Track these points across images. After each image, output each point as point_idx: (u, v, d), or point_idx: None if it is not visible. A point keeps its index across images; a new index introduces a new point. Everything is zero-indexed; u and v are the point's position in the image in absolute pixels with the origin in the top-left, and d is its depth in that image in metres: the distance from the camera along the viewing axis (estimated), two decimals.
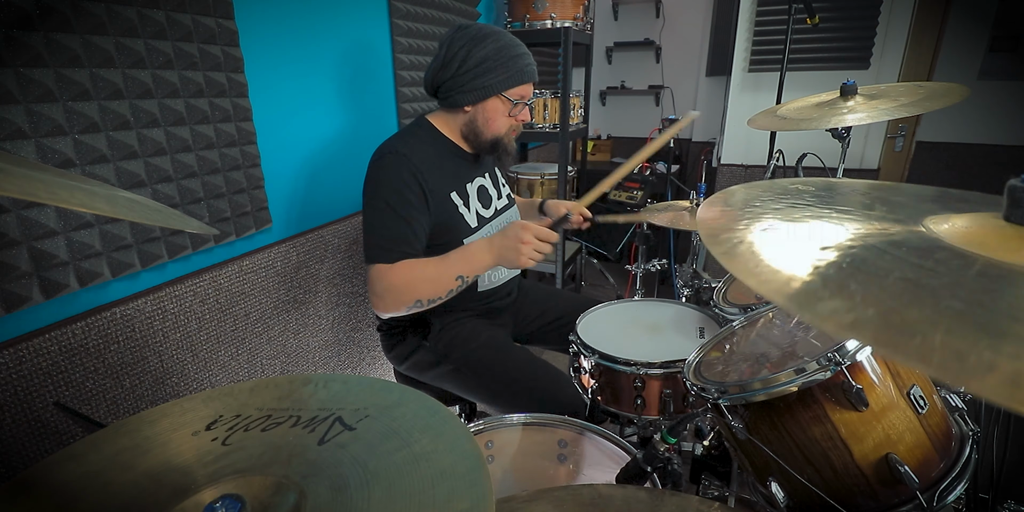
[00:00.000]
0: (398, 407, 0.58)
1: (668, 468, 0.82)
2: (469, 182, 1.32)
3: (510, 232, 1.09)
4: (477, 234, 1.31)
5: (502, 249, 1.10)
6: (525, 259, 1.08)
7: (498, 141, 1.29)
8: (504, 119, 1.26)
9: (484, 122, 1.26)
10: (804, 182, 0.67)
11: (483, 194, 1.35)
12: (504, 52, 1.20)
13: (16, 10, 0.83)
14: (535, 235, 1.07)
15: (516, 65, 1.21)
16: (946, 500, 0.68)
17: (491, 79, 1.20)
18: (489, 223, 1.36)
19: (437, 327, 1.34)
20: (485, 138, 1.28)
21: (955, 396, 0.83)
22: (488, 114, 1.25)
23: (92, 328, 1.03)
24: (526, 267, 1.09)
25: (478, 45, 1.19)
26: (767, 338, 0.99)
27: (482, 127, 1.26)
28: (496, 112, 1.25)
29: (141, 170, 1.05)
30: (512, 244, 1.08)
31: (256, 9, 1.27)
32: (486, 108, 1.24)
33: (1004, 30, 2.55)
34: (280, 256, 1.45)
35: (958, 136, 2.80)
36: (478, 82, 1.20)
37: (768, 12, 2.65)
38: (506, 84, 1.21)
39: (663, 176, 2.75)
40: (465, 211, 1.29)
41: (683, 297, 1.83)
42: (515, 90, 1.23)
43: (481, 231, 1.33)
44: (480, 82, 1.20)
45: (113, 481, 0.52)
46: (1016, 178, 0.49)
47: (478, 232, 1.31)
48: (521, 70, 1.22)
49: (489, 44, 1.19)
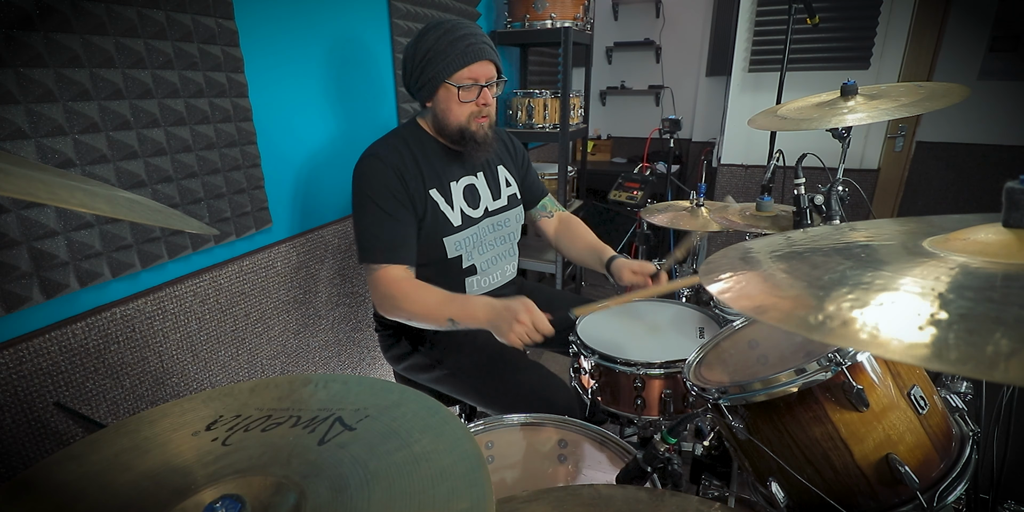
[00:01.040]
0: (398, 407, 0.58)
1: (668, 468, 0.82)
2: (454, 181, 1.31)
3: (514, 306, 1.06)
4: (462, 233, 1.29)
5: (498, 318, 1.07)
6: (512, 337, 1.05)
7: (463, 130, 1.24)
8: (459, 106, 1.21)
9: (443, 114, 1.23)
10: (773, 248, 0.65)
11: (471, 193, 1.33)
12: (444, 38, 1.16)
13: (16, 10, 0.83)
14: (533, 321, 1.04)
15: (456, 49, 1.16)
16: (946, 500, 0.68)
17: (433, 69, 1.17)
18: (478, 224, 1.33)
19: (431, 331, 1.34)
20: (451, 130, 1.25)
21: (955, 396, 0.83)
22: (442, 105, 1.22)
23: (92, 328, 1.03)
24: (511, 344, 1.07)
25: (422, 39, 1.18)
26: (767, 338, 0.99)
27: (443, 120, 1.24)
28: (448, 101, 1.21)
29: (141, 170, 1.05)
30: (508, 318, 1.05)
31: (256, 9, 1.26)
32: (439, 99, 1.22)
33: (1004, 30, 2.55)
34: (280, 256, 1.45)
35: (958, 136, 2.80)
36: (425, 76, 1.18)
37: (768, 12, 2.65)
38: (448, 70, 1.17)
39: (663, 176, 2.75)
40: (448, 209, 1.27)
41: (683, 297, 1.83)
42: (460, 74, 1.18)
43: (467, 231, 1.31)
44: (427, 75, 1.18)
45: (113, 481, 0.52)
46: (1013, 181, 0.49)
47: (463, 231, 1.30)
48: (462, 52, 1.16)
49: (430, 35, 1.17)
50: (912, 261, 0.51)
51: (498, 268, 1.40)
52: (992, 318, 0.38)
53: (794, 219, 1.23)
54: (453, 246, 1.29)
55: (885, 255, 0.56)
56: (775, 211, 1.46)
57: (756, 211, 1.48)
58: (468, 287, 1.35)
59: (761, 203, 1.46)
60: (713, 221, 1.56)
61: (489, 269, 1.37)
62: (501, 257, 1.41)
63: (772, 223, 1.39)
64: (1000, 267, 0.46)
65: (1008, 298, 0.40)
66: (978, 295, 0.42)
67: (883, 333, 0.40)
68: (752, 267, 0.60)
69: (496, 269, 1.40)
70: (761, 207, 1.47)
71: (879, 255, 0.56)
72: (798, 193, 1.20)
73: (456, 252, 1.29)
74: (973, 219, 0.59)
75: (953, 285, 0.44)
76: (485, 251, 1.35)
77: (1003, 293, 0.41)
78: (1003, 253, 0.48)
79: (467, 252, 1.31)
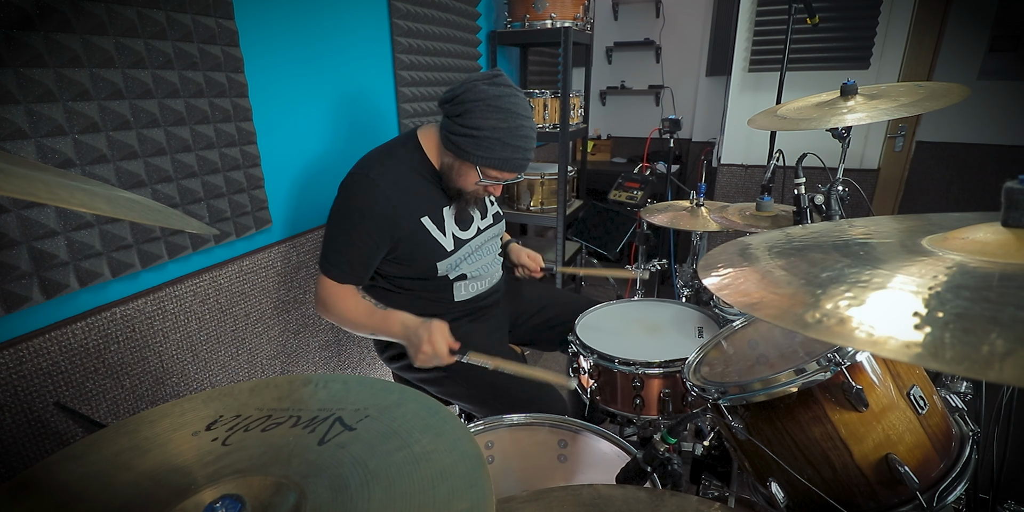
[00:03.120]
0: (398, 407, 0.58)
1: (668, 468, 0.82)
2: (447, 206, 1.28)
3: (421, 333, 1.12)
4: (454, 256, 1.29)
5: (407, 340, 1.16)
6: (419, 358, 1.12)
7: (462, 192, 1.25)
8: (474, 185, 1.23)
9: (456, 174, 1.22)
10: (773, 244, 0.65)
11: (461, 217, 1.32)
12: (505, 135, 1.14)
13: (16, 10, 0.83)
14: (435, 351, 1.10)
15: (506, 153, 1.15)
16: (946, 500, 0.68)
17: (478, 150, 1.14)
18: (468, 243, 1.32)
19: None
20: (453, 186, 1.24)
21: (955, 396, 0.83)
22: (460, 171, 1.21)
23: (92, 328, 1.03)
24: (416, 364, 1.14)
25: (489, 112, 1.12)
26: (767, 338, 0.99)
27: (453, 176, 1.23)
28: (468, 176, 1.21)
29: (141, 170, 1.05)
30: (416, 342, 1.12)
31: (256, 9, 1.27)
32: (459, 165, 1.20)
33: (1004, 30, 2.55)
34: (280, 256, 1.45)
35: (958, 136, 2.80)
36: (465, 142, 1.15)
37: (768, 12, 2.65)
38: (486, 163, 1.16)
39: (663, 176, 2.75)
40: (439, 235, 1.26)
41: (683, 297, 1.83)
42: (492, 173, 1.19)
43: (459, 252, 1.30)
44: (467, 143, 1.15)
45: (113, 481, 0.52)
46: (1012, 181, 0.49)
47: (455, 254, 1.29)
48: (508, 160, 1.16)
49: (497, 118, 1.13)
50: (910, 259, 0.51)
51: (487, 274, 1.40)
52: (988, 318, 0.38)
53: (794, 219, 1.23)
54: (444, 267, 1.29)
55: (883, 253, 0.56)
56: (775, 211, 1.46)
57: (756, 211, 1.48)
58: (456, 291, 1.34)
59: (761, 203, 1.46)
60: (713, 221, 1.56)
61: (479, 275, 1.38)
62: (491, 264, 1.41)
63: (772, 223, 1.39)
64: (998, 267, 0.46)
65: (1005, 298, 0.40)
66: (975, 295, 0.42)
67: (879, 331, 0.40)
68: (750, 263, 0.61)
69: (486, 275, 1.40)
70: (761, 207, 1.47)
71: (877, 253, 0.56)
72: (798, 193, 1.20)
73: (446, 271, 1.30)
74: (972, 218, 0.59)
75: (950, 284, 0.44)
76: (474, 261, 1.35)
77: (1000, 293, 0.41)
78: (1001, 253, 0.48)
79: (457, 267, 1.32)
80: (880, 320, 0.41)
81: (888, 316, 0.42)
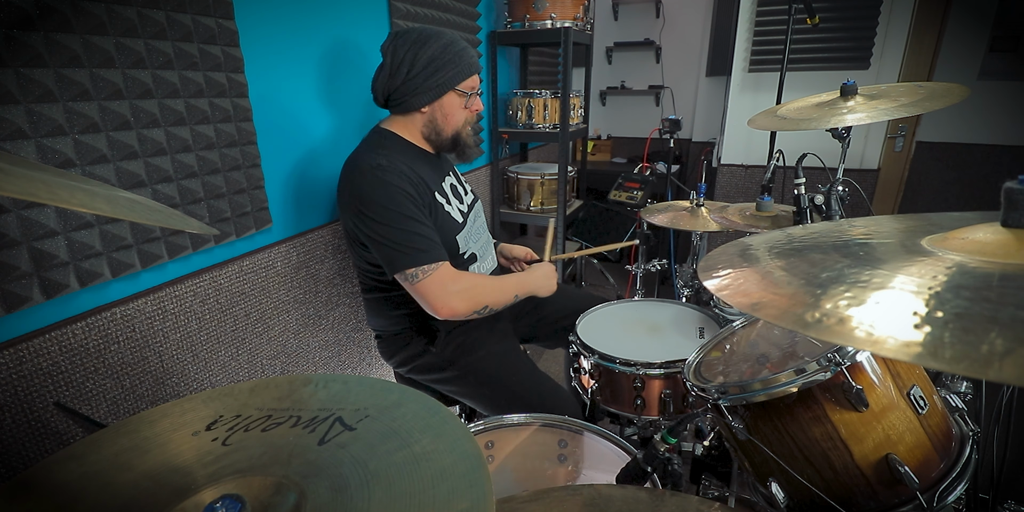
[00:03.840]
0: (398, 407, 0.58)
1: (668, 468, 0.82)
2: (442, 181, 1.35)
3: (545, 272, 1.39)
4: (465, 229, 1.34)
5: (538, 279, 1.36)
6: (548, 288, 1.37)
7: (458, 136, 1.34)
8: (461, 112, 1.31)
9: (443, 119, 1.30)
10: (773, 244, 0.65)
11: (455, 191, 1.39)
12: (450, 48, 1.24)
13: (16, 10, 0.83)
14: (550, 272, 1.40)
15: (463, 59, 1.26)
16: (946, 500, 0.68)
17: (443, 76, 1.24)
18: (468, 216, 1.39)
19: (443, 333, 1.35)
20: (446, 135, 1.32)
21: (955, 396, 0.83)
22: (446, 110, 1.29)
23: (92, 328, 1.03)
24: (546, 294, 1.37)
25: (423, 46, 1.23)
26: (767, 338, 0.99)
27: (442, 124, 1.31)
28: (453, 107, 1.29)
29: (141, 170, 1.05)
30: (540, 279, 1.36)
31: (256, 9, 1.27)
32: (443, 105, 1.29)
33: (1004, 30, 2.55)
34: (280, 256, 1.45)
35: (958, 136, 2.80)
36: (431, 82, 1.24)
37: (768, 12, 2.65)
38: (458, 78, 1.26)
39: (663, 176, 2.75)
40: (450, 209, 1.32)
41: (683, 297, 1.83)
42: (467, 82, 1.28)
43: (467, 226, 1.35)
44: (433, 81, 1.24)
45: (113, 481, 0.52)
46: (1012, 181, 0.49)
47: (465, 227, 1.34)
48: (469, 63, 1.27)
49: (433, 43, 1.23)
50: (910, 259, 0.51)
51: (488, 253, 1.46)
52: (988, 317, 0.38)
53: (794, 219, 1.23)
54: (463, 242, 1.33)
55: (883, 253, 0.56)
56: (775, 211, 1.46)
57: (756, 211, 1.48)
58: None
59: (761, 203, 1.46)
60: (713, 221, 1.56)
61: (484, 255, 1.43)
62: (487, 243, 1.47)
63: (772, 223, 1.39)
64: (997, 267, 0.46)
65: (1004, 298, 0.40)
66: (975, 294, 0.42)
67: (879, 331, 0.40)
68: (750, 264, 0.61)
69: (488, 254, 1.45)
70: (761, 207, 1.47)
71: (877, 253, 0.56)
72: (798, 193, 1.20)
73: (465, 247, 1.34)
74: (972, 218, 0.59)
75: (950, 284, 0.44)
76: (477, 239, 1.41)
77: (999, 293, 0.41)
78: (1001, 253, 0.48)
79: (467, 242, 1.36)
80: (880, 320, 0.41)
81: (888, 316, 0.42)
